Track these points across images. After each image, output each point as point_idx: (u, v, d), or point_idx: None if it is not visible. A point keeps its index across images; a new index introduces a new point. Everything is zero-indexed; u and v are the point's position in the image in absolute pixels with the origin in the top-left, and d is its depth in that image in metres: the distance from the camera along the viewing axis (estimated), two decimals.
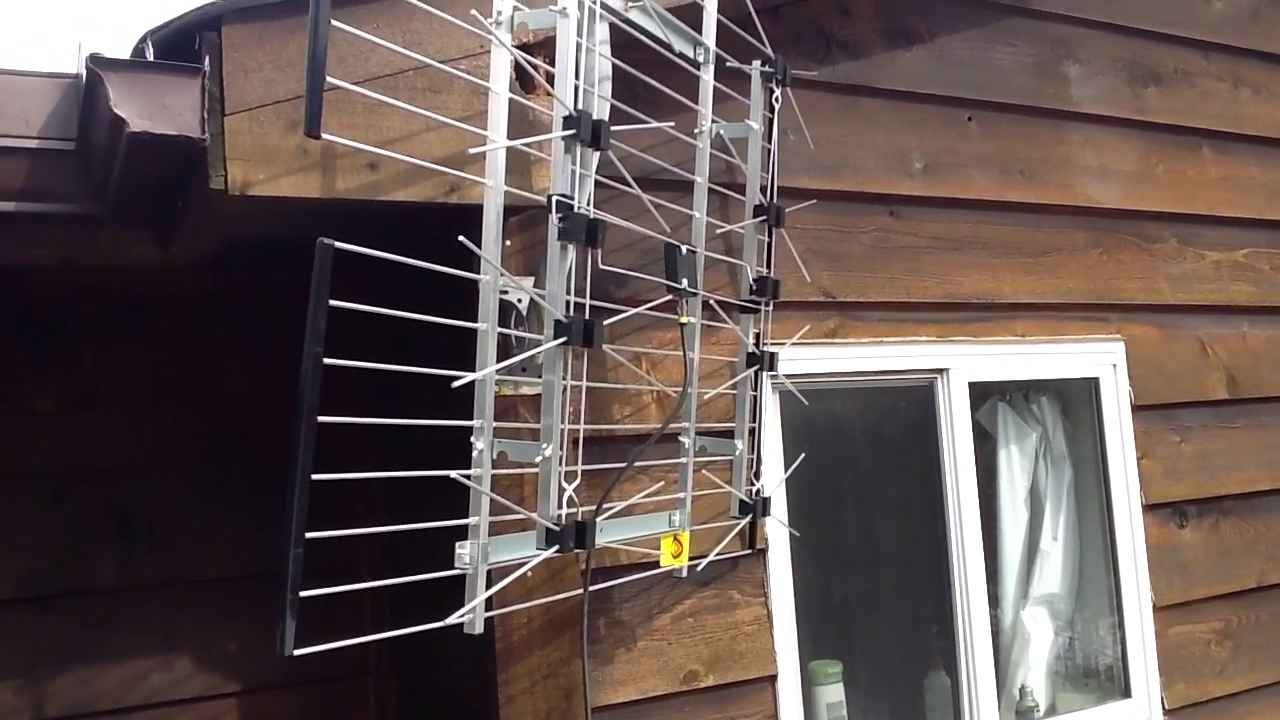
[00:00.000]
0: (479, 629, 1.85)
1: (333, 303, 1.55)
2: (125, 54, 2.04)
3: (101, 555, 3.32)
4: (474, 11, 1.95)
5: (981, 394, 3.27)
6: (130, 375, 3.39)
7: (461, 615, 1.80)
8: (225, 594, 3.38)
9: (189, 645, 3.37)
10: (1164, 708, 3.37)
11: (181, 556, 3.38)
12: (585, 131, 1.95)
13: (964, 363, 3.14)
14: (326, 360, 1.55)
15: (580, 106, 2.00)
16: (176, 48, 2.02)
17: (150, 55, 2.01)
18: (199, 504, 3.42)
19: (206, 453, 3.47)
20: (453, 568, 1.87)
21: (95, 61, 1.95)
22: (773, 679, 2.73)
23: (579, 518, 2.05)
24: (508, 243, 2.30)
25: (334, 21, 1.59)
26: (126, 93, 1.92)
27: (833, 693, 2.87)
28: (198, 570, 3.38)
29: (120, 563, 3.33)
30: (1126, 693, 3.36)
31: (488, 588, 1.87)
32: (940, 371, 3.11)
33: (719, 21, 2.51)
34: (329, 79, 1.63)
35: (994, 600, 3.22)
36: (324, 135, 1.63)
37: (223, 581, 3.38)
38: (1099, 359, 3.43)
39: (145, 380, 3.41)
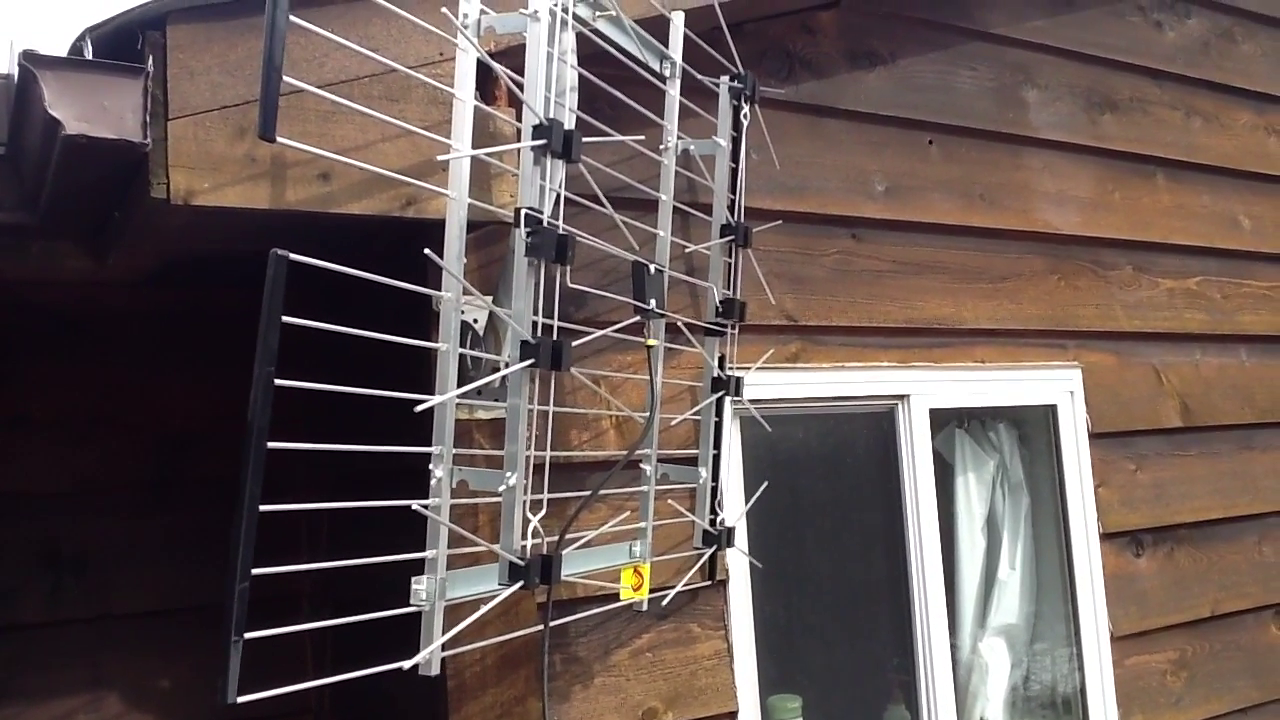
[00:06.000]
0: (435, 671, 1.73)
1: (286, 319, 1.44)
2: (62, 52, 1.91)
3: (27, 587, 3.12)
4: (444, 10, 1.86)
5: (940, 421, 3.23)
6: (63, 396, 3.21)
7: (420, 658, 1.69)
8: (158, 629, 3.19)
9: (118, 683, 3.18)
10: None
11: (113, 589, 3.19)
12: (556, 142, 1.85)
13: (925, 389, 3.09)
14: (278, 382, 1.43)
15: (550, 116, 1.91)
16: (118, 47, 1.89)
17: (89, 54, 1.88)
18: (133, 534, 3.23)
19: (142, 479, 3.28)
20: (401, 604, 1.75)
21: (29, 59, 1.81)
22: (733, 715, 2.64)
23: (542, 550, 1.94)
24: (464, 261, 2.20)
25: (292, 16, 1.49)
26: (62, 93, 1.78)
27: None
28: (129, 604, 3.19)
29: (47, 595, 3.14)
30: None
31: (445, 627, 1.76)
32: (901, 398, 3.06)
33: (685, 36, 2.44)
34: (285, 78, 1.52)
35: (952, 630, 3.16)
36: (278, 139, 1.52)
37: (156, 615, 3.20)
38: (1057, 386, 3.40)
39: (79, 402, 3.23)
